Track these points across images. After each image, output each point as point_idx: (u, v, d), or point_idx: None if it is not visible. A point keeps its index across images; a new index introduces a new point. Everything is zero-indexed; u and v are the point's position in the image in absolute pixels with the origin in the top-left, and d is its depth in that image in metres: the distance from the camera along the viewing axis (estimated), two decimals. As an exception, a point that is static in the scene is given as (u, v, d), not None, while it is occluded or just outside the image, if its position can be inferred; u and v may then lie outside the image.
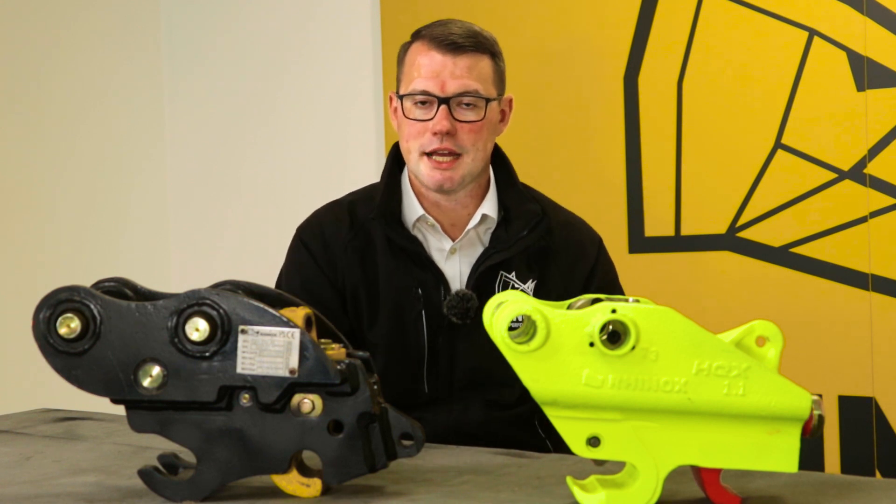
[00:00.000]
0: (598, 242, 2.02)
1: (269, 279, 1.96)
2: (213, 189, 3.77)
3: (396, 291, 1.90)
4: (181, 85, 3.82)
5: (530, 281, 1.91)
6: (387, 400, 1.27)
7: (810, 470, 1.30)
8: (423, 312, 1.89)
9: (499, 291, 1.84)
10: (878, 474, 2.69)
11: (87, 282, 1.28)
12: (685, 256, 2.93)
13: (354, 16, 3.47)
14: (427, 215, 1.93)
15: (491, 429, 1.87)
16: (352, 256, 1.92)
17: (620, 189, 3.00)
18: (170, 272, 3.80)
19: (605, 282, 1.96)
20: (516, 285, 1.90)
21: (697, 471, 1.18)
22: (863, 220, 2.70)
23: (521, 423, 1.91)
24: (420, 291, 1.89)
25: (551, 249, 1.94)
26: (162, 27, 3.83)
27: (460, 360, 1.89)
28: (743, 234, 2.86)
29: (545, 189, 2.05)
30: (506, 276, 1.90)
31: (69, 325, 1.23)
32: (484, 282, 1.89)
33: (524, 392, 1.89)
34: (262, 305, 1.24)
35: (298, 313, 1.26)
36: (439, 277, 1.90)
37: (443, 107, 1.86)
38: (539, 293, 1.88)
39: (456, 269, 1.92)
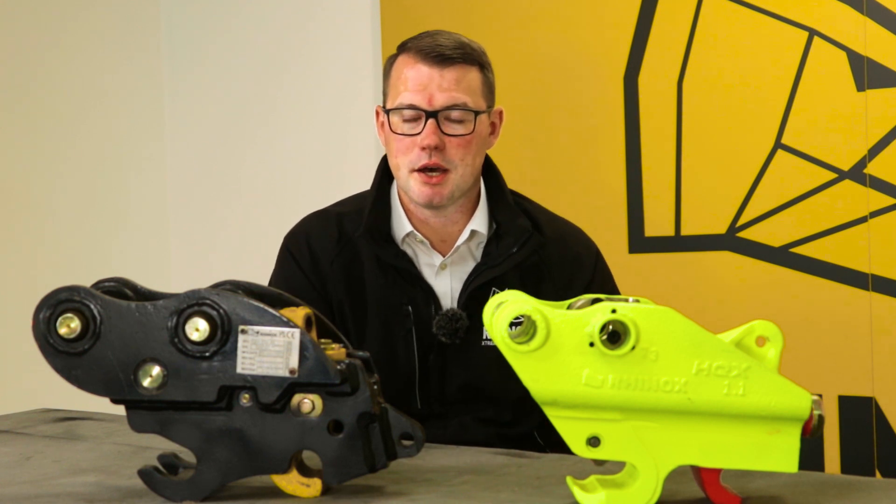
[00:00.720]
0: (594, 253, 1.97)
1: (268, 279, 1.96)
2: (213, 189, 3.77)
3: (385, 308, 1.86)
4: (181, 85, 3.82)
5: None
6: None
7: (810, 470, 1.30)
8: (413, 330, 1.85)
9: None
10: (878, 474, 2.69)
11: (87, 282, 1.28)
12: (685, 256, 2.93)
13: (354, 16, 3.46)
14: (416, 232, 1.89)
15: (489, 445, 1.84)
16: (338, 272, 1.88)
17: (620, 189, 3.00)
18: (170, 272, 3.80)
19: (602, 293, 1.93)
20: None
21: (697, 471, 1.18)
22: (863, 220, 2.70)
23: (519, 440, 1.86)
24: (410, 308, 1.86)
25: (545, 265, 1.90)
26: (162, 27, 3.82)
27: (452, 378, 1.86)
28: (743, 234, 2.86)
29: (545, 189, 2.04)
30: (498, 293, 1.87)
31: (69, 325, 1.23)
32: (475, 298, 1.83)
33: (521, 409, 1.89)
34: (262, 305, 1.24)
35: (298, 313, 1.26)
36: (429, 294, 1.86)
37: (430, 121, 1.82)
38: None
39: (447, 286, 1.89)
